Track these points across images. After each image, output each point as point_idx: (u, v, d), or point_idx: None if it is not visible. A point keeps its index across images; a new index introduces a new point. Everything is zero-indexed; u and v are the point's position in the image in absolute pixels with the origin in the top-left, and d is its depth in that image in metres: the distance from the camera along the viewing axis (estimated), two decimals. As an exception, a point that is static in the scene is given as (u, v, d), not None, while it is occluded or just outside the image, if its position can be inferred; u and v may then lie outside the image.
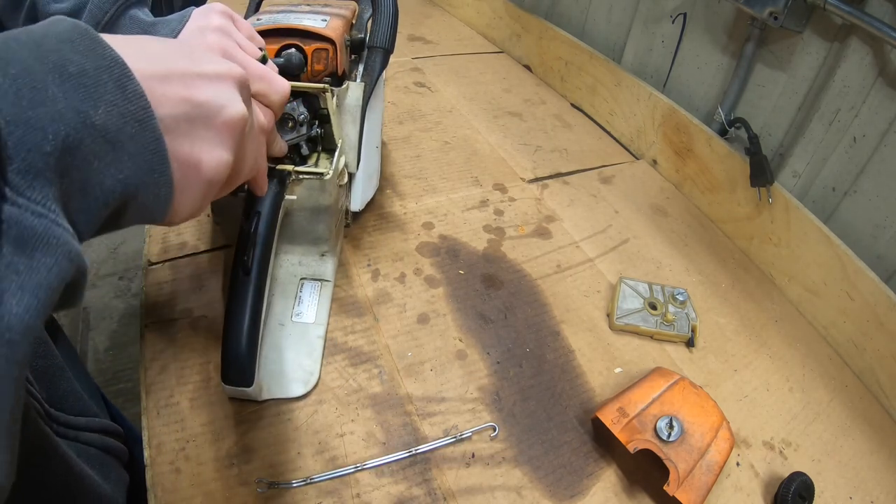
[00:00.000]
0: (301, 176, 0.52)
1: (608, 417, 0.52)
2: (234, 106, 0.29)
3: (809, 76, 0.72)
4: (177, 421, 0.49)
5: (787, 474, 0.54)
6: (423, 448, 0.51)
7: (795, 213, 0.72)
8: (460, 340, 0.62)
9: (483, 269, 0.71)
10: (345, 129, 0.59)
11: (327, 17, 0.57)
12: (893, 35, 0.58)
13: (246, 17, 0.65)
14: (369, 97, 0.61)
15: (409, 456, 0.50)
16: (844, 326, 0.68)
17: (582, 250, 0.77)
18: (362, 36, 0.63)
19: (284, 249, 0.62)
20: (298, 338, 0.57)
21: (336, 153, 0.55)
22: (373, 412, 0.54)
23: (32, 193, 0.19)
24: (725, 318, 0.71)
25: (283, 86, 0.39)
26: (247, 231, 0.46)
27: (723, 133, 0.84)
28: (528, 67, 1.24)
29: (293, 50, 0.53)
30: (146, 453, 0.47)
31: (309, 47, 0.54)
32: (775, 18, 0.69)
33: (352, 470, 0.48)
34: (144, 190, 0.24)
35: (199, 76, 0.27)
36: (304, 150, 0.53)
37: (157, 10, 0.53)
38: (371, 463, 0.49)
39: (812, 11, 0.69)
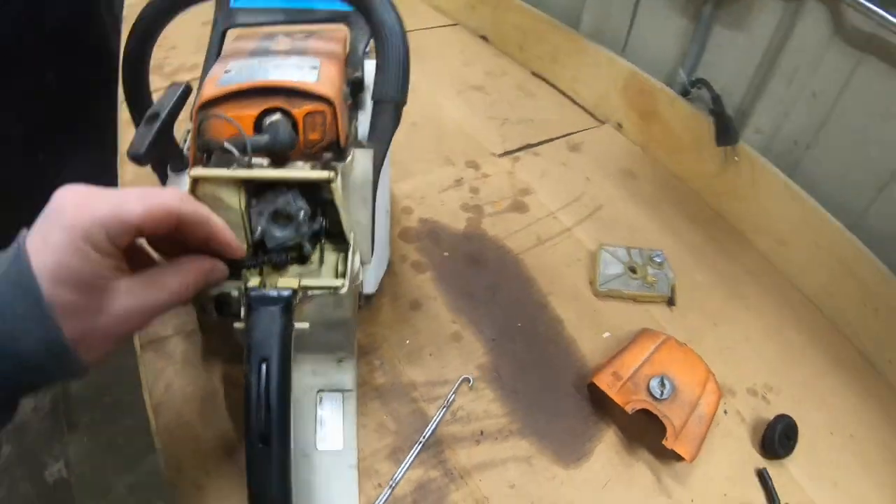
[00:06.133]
0: (310, 292, 0.40)
1: (604, 382, 0.54)
2: None
3: (767, 35, 0.73)
4: (191, 437, 0.49)
5: (771, 417, 0.57)
6: (428, 432, 0.52)
7: (760, 169, 0.75)
8: (454, 322, 0.63)
9: (466, 248, 0.72)
10: (354, 215, 0.45)
11: (317, 63, 0.44)
12: (846, -9, 0.60)
13: (207, 59, 0.52)
14: (381, 166, 0.46)
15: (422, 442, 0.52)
16: (814, 274, 0.72)
17: (559, 220, 0.78)
18: (359, 75, 0.50)
19: (293, 358, 0.43)
20: (328, 472, 0.47)
21: (350, 251, 0.42)
22: (380, 403, 0.54)
23: None
24: (702, 274, 0.74)
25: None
26: (255, 386, 0.35)
27: (685, 94, 0.86)
28: (484, 38, 1.22)
29: (278, 116, 0.41)
30: (166, 475, 0.47)
31: (299, 111, 0.41)
32: (731, -21, 0.70)
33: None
34: None
35: None
36: (307, 250, 0.41)
37: None
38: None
39: (767, -29, 0.70)
